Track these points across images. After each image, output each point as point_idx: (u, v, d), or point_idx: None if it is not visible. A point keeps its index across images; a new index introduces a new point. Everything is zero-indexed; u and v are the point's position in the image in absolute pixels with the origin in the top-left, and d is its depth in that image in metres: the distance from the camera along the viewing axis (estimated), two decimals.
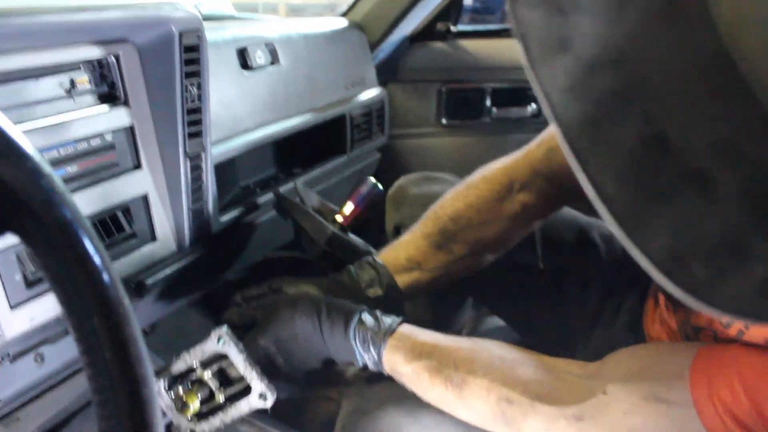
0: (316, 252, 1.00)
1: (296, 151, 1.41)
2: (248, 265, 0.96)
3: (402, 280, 0.95)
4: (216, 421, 0.83)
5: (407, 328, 0.82)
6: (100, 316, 0.39)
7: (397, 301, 0.94)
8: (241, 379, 0.82)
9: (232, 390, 0.83)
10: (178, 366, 0.83)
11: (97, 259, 0.39)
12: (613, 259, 1.13)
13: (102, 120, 0.88)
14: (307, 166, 1.39)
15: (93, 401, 0.39)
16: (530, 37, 0.34)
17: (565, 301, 1.15)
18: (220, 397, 0.83)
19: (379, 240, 1.03)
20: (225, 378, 0.83)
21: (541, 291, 1.16)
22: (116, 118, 0.90)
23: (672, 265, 0.33)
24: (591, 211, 1.17)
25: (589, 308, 1.12)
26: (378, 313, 0.83)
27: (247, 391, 0.81)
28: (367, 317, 0.81)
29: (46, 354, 0.97)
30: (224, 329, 0.81)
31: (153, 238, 0.98)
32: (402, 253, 0.97)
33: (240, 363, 0.80)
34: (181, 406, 0.82)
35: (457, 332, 1.40)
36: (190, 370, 0.83)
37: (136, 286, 0.97)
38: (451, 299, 1.29)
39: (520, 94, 1.85)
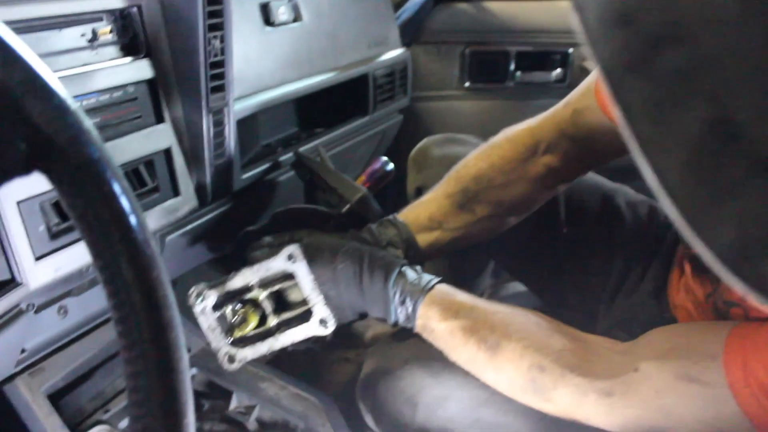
0: (340, 211, 0.99)
1: (318, 110, 1.39)
2: (271, 214, 0.94)
3: (423, 239, 0.94)
4: (263, 347, 0.78)
5: (445, 287, 0.81)
6: (127, 258, 0.38)
7: (417, 261, 0.94)
8: (300, 303, 0.77)
9: (287, 315, 0.78)
10: (235, 282, 0.77)
11: (123, 200, 0.38)
12: (637, 226, 1.11)
13: (124, 72, 0.87)
14: (329, 126, 1.37)
15: (120, 344, 0.39)
16: (588, 9, 0.32)
17: (588, 267, 1.13)
18: (273, 322, 0.78)
19: (399, 205, 1.01)
20: (280, 302, 0.79)
21: (564, 256, 1.14)
22: (138, 70, 0.89)
23: (738, 261, 0.31)
24: (616, 176, 1.14)
25: (613, 275, 1.10)
26: (418, 269, 0.82)
27: (304, 317, 0.77)
28: (408, 271, 0.80)
29: (70, 307, 0.98)
30: (295, 247, 0.76)
31: (175, 193, 0.97)
32: (423, 213, 0.96)
33: (308, 284, 0.76)
34: (232, 327, 0.76)
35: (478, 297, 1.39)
36: (246, 289, 0.78)
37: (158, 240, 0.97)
38: (473, 263, 1.28)
39: (545, 58, 1.81)
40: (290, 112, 1.36)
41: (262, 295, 0.77)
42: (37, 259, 0.79)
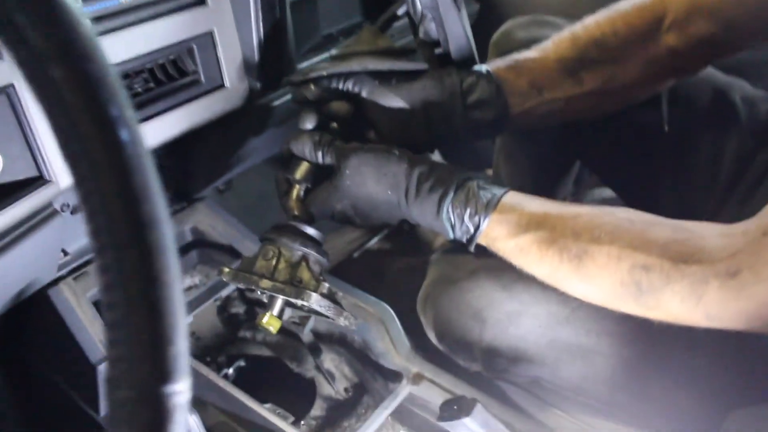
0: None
1: None
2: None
3: (515, 104, 0.81)
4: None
5: (512, 198, 0.68)
6: (93, 136, 0.29)
7: (500, 131, 0.83)
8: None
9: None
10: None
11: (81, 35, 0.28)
12: (755, 126, 0.95)
13: None
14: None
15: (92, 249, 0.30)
16: None
17: (690, 172, 0.98)
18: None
19: None
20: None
21: (662, 158, 1.00)
22: None
23: None
24: (734, 69, 0.96)
25: (720, 181, 0.95)
26: (480, 182, 0.70)
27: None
28: (462, 193, 0.68)
29: None
30: (314, 298, 0.71)
31: (221, 84, 0.87)
32: (525, 74, 0.82)
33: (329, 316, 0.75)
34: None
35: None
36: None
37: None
38: (555, 161, 1.14)
39: None
40: None
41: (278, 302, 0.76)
42: None
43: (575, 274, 0.63)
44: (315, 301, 0.71)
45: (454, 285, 0.79)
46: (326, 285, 0.73)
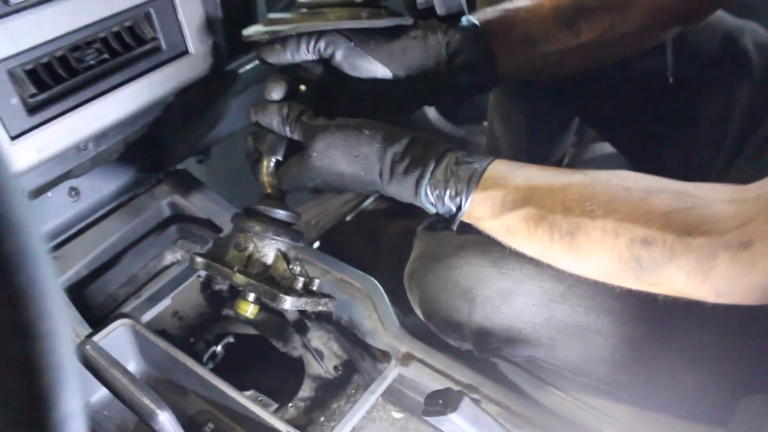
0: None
1: None
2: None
3: (504, 61, 0.75)
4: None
5: (496, 171, 0.62)
6: None
7: (487, 89, 0.78)
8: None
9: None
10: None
11: None
12: None
13: None
14: None
15: None
16: None
17: (697, 127, 0.91)
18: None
19: None
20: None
21: (667, 111, 0.93)
22: None
23: None
24: (745, 9, 0.88)
25: (729, 136, 0.88)
26: (460, 155, 0.64)
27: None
28: (440, 171, 0.63)
29: (81, 187, 0.87)
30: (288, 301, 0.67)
31: (185, 50, 0.81)
32: (519, 27, 0.75)
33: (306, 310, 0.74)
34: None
35: (557, 162, 1.19)
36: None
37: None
38: (551, 117, 1.07)
39: None
40: None
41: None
42: (14, 138, 0.66)
43: (568, 252, 0.58)
44: (289, 304, 0.67)
45: (441, 261, 0.74)
46: (301, 279, 0.69)
